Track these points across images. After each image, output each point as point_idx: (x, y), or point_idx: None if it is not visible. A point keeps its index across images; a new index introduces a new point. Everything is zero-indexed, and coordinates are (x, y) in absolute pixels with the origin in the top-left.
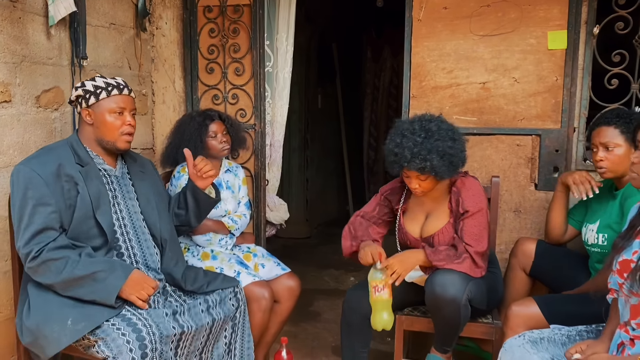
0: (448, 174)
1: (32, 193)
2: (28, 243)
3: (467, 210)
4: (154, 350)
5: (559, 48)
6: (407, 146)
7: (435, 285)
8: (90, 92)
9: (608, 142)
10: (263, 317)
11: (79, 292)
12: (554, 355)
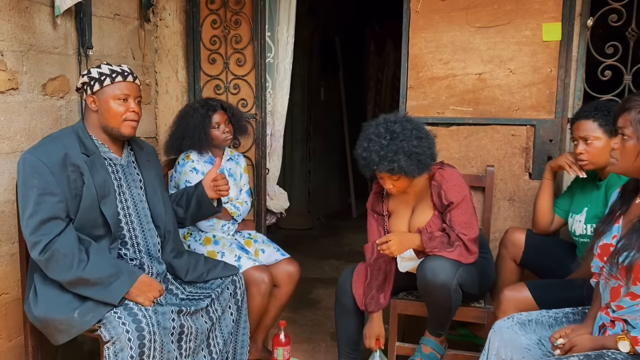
0: (418, 172)
1: (37, 182)
2: (35, 232)
3: (452, 202)
4: (152, 341)
5: (554, 40)
6: (373, 150)
7: (426, 271)
8: (94, 79)
9: (587, 135)
10: (262, 300)
11: (85, 291)
12: (541, 336)
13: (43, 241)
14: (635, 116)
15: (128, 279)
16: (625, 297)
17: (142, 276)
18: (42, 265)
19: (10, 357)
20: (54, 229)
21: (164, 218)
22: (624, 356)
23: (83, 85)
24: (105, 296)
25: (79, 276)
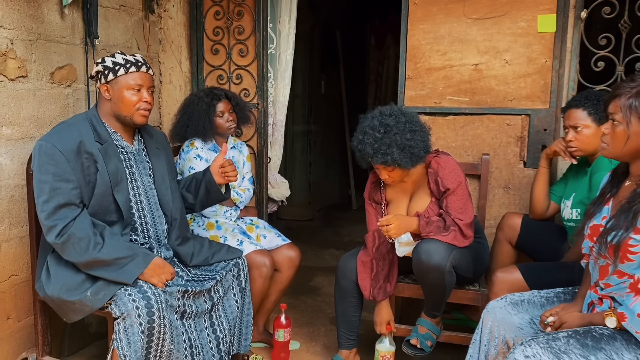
0: (411, 164)
1: (53, 169)
2: (50, 217)
3: (448, 188)
4: (161, 317)
5: (548, 31)
6: (368, 142)
7: (421, 253)
8: (109, 68)
9: (576, 123)
10: (264, 283)
11: (100, 272)
12: (533, 315)
13: (59, 225)
14: (625, 102)
15: (143, 260)
16: (613, 275)
17: (156, 259)
18: (58, 248)
19: (19, 337)
20: (69, 214)
21: (170, 206)
22: (611, 331)
23: (97, 74)
24: (120, 276)
25: (95, 258)
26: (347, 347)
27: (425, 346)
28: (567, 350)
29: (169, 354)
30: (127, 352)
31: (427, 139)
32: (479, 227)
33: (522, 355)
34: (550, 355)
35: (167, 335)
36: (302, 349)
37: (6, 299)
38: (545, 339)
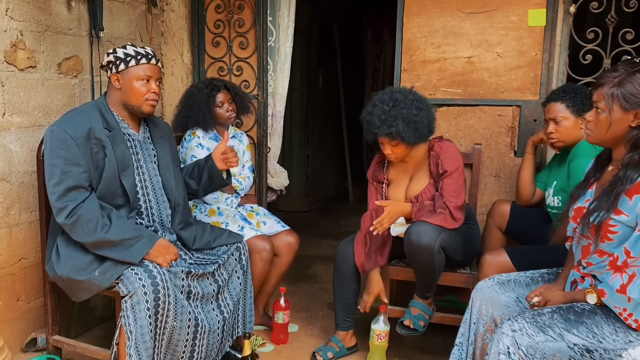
0: (414, 139)
1: (64, 153)
2: (60, 199)
3: (446, 171)
4: (167, 295)
5: (539, 25)
6: (376, 114)
7: (412, 235)
8: (120, 59)
9: (556, 116)
10: (264, 267)
11: (107, 252)
12: (519, 294)
13: (69, 207)
14: (608, 91)
15: (148, 241)
16: (594, 254)
17: (161, 240)
18: (67, 228)
19: (29, 317)
20: (78, 197)
21: (174, 191)
22: (592, 307)
23: (108, 64)
24: (126, 256)
25: (103, 238)
26: (344, 328)
27: (418, 326)
28: (552, 324)
29: (171, 330)
30: (134, 328)
31: (432, 119)
32: (471, 214)
33: (510, 329)
34: (535, 329)
35: (170, 312)
36: (301, 331)
37: (16, 281)
38: (531, 315)
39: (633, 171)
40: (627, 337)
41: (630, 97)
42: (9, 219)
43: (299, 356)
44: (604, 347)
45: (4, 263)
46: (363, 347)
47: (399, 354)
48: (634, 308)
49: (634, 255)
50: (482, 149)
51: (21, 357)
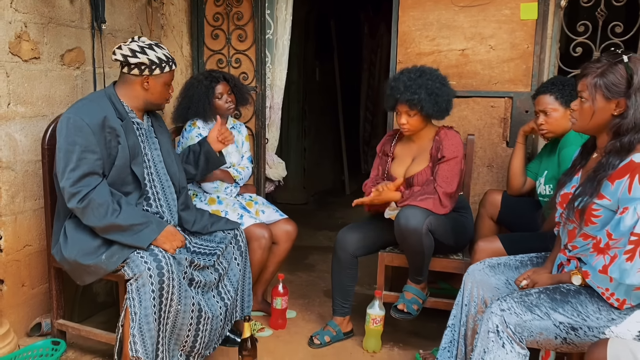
0: (432, 111)
1: (80, 140)
2: (75, 184)
3: (444, 156)
4: (171, 279)
5: (530, 18)
6: (402, 80)
7: (400, 219)
8: (156, 63)
9: (545, 108)
10: (263, 254)
11: (116, 236)
12: (508, 277)
13: (82, 192)
14: (591, 81)
15: (157, 227)
16: (579, 238)
17: (169, 227)
18: (78, 213)
19: (33, 303)
20: (92, 182)
21: (178, 176)
22: (576, 287)
23: (140, 65)
24: (135, 241)
25: (113, 223)
26: (341, 314)
27: (411, 310)
28: (538, 303)
29: (175, 314)
30: (138, 310)
31: (452, 98)
32: (465, 203)
33: (499, 309)
34: (523, 309)
35: (174, 295)
36: (298, 317)
37: (21, 267)
38: (519, 295)
39: (615, 157)
40: (609, 315)
41: (612, 87)
42: (14, 207)
43: (297, 340)
44: (588, 325)
45: (9, 249)
46: (359, 332)
47: (394, 338)
48: (616, 288)
49: (615, 237)
50: (475, 140)
51: (26, 341)
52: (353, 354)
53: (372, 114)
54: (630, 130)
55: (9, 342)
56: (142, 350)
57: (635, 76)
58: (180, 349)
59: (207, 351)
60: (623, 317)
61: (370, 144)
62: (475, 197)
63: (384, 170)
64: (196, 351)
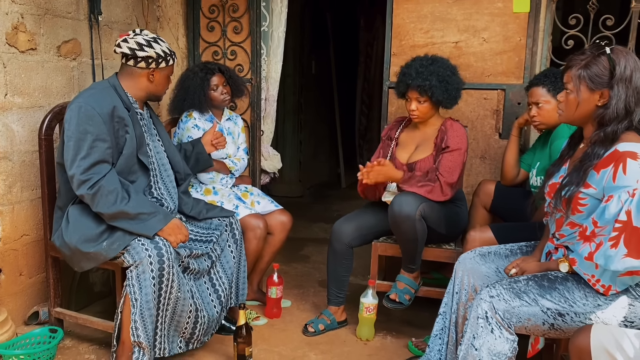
0: (442, 97)
1: (92, 129)
2: (86, 172)
3: (448, 146)
4: (171, 267)
5: (523, 11)
6: (414, 66)
7: (394, 206)
8: (162, 57)
9: (538, 100)
10: (258, 244)
11: (124, 224)
12: (498, 265)
13: (93, 179)
14: (575, 72)
15: (164, 218)
16: (566, 226)
17: (175, 219)
18: (88, 199)
19: (30, 292)
20: (102, 170)
21: (182, 165)
22: (564, 275)
23: (147, 58)
24: (141, 229)
25: (122, 210)
26: (335, 304)
27: (403, 299)
28: (527, 290)
29: (175, 301)
30: (139, 296)
31: (461, 87)
32: (461, 195)
33: (488, 295)
34: (511, 295)
35: (175, 283)
36: (293, 307)
37: (19, 257)
38: (507, 282)
39: (599, 147)
40: (596, 301)
41: (595, 78)
42: (11, 197)
43: (291, 329)
44: (574, 311)
45: (6, 239)
46: (353, 321)
47: (388, 327)
48: (601, 274)
49: (601, 225)
50: (469, 131)
51: (24, 329)
52: (346, 341)
53: (367, 108)
54: (614, 120)
55: (6, 330)
56: (143, 335)
57: (618, 67)
58: (180, 335)
59: (206, 337)
60: (609, 303)
61: (366, 138)
62: (469, 188)
63: (386, 155)
64: (195, 338)
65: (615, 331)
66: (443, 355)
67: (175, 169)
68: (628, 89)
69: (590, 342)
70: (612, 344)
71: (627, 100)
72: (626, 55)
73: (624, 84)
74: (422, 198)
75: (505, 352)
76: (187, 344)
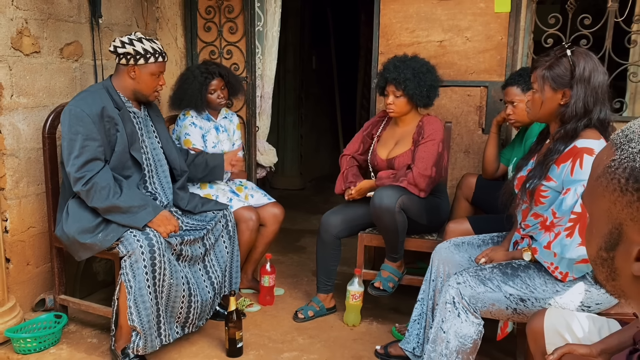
0: (413, 91)
1: (82, 129)
2: (79, 170)
3: (423, 138)
4: (162, 255)
5: (504, 11)
6: (392, 62)
7: (375, 199)
8: (140, 54)
9: (513, 99)
10: (251, 235)
11: (116, 217)
12: (471, 254)
13: (87, 176)
14: (540, 73)
15: (153, 210)
16: (530, 217)
17: (164, 211)
18: (83, 195)
19: (37, 280)
20: (95, 167)
21: (178, 161)
22: (526, 263)
23: (126, 55)
24: (132, 221)
25: (114, 204)
26: (324, 291)
27: (387, 287)
28: (491, 277)
29: (169, 287)
30: (133, 284)
31: (435, 87)
32: (442, 187)
33: (455, 282)
34: (477, 282)
35: (167, 270)
36: (286, 294)
37: (26, 248)
38: (474, 270)
39: (560, 143)
40: (554, 287)
41: (557, 78)
42: (18, 191)
43: (283, 315)
44: (535, 297)
45: (14, 231)
46: (342, 308)
47: (374, 314)
48: (559, 262)
49: (559, 216)
50: (453, 127)
51: (31, 315)
52: (334, 327)
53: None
54: (573, 118)
55: (15, 316)
56: (137, 320)
57: (577, 68)
58: (175, 320)
59: (200, 322)
60: (566, 289)
61: None
62: (453, 181)
63: (367, 150)
64: (190, 322)
65: (567, 314)
66: (421, 339)
67: (172, 165)
68: (587, 89)
69: (543, 325)
70: (563, 326)
71: (585, 100)
72: (586, 56)
73: (583, 84)
74: (403, 191)
75: (471, 335)
76: (182, 328)
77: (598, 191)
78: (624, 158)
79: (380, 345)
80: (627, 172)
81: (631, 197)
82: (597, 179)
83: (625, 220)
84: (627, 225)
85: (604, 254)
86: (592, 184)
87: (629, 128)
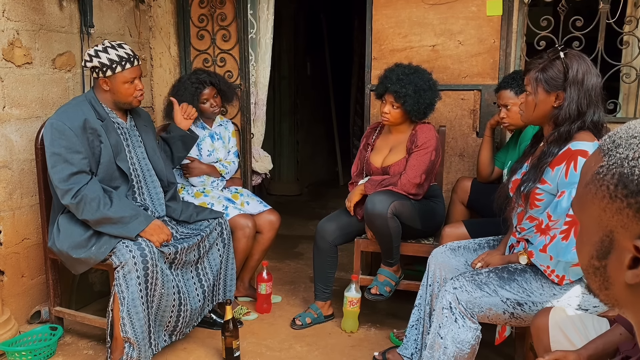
0: (411, 107)
1: (65, 143)
2: (66, 182)
3: (417, 146)
4: (155, 265)
5: (496, 14)
6: (395, 72)
7: (368, 204)
8: (106, 65)
9: (506, 102)
10: (247, 242)
11: (107, 229)
12: (467, 258)
13: (74, 189)
14: (533, 75)
15: (145, 220)
16: (526, 220)
17: (156, 220)
18: (73, 208)
19: (32, 292)
20: (81, 180)
21: (165, 172)
22: (523, 267)
23: (93, 68)
24: (124, 232)
25: (105, 215)
26: (322, 299)
27: (383, 291)
28: (487, 282)
29: (160, 297)
30: (126, 294)
31: (433, 104)
32: (437, 192)
33: (452, 287)
34: (473, 286)
35: (159, 280)
36: (283, 302)
37: (20, 259)
38: (470, 274)
39: (554, 146)
40: (551, 290)
41: (551, 81)
42: (12, 203)
43: (280, 323)
44: (532, 300)
45: (8, 243)
46: (340, 315)
47: (372, 319)
48: (555, 265)
49: (554, 219)
50: (447, 131)
51: (27, 328)
52: (332, 334)
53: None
54: (567, 120)
55: (10, 329)
56: (131, 331)
57: (570, 70)
58: (164, 329)
59: (187, 329)
60: (563, 292)
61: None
62: (448, 185)
63: (363, 162)
64: (178, 330)
65: (571, 313)
66: (419, 345)
67: (159, 176)
68: (580, 91)
69: (548, 322)
70: (568, 325)
71: (579, 102)
72: (579, 59)
73: (576, 86)
74: (395, 196)
75: (468, 340)
76: (170, 337)
77: (587, 198)
78: (611, 164)
79: (378, 351)
80: (616, 178)
81: (620, 203)
82: (586, 186)
83: (615, 227)
84: (618, 233)
85: (596, 262)
86: (581, 191)
87: (616, 134)
